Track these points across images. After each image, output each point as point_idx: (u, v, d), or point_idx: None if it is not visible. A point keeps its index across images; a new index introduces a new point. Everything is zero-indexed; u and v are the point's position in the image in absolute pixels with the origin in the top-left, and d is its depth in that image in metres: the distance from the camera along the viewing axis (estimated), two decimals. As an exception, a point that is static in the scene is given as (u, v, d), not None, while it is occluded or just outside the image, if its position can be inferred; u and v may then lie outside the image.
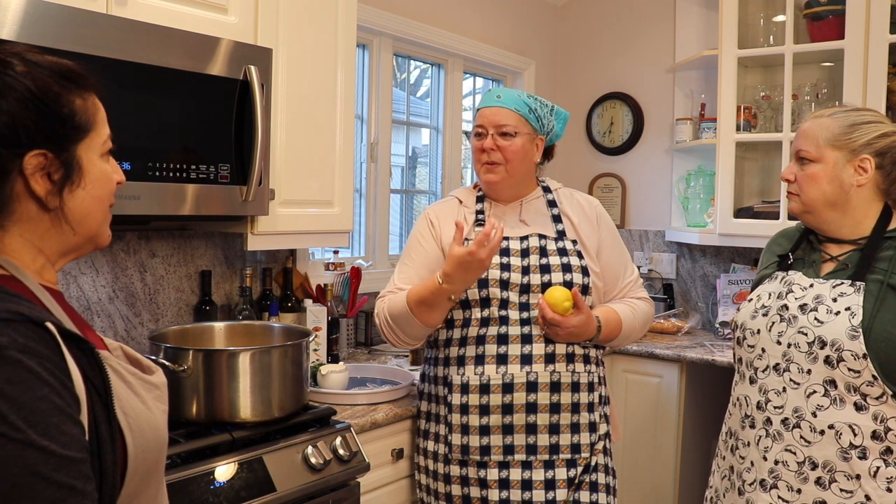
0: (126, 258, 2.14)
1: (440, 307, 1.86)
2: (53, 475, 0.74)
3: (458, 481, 1.91)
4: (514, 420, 1.86)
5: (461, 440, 1.89)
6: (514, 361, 1.87)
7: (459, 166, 3.51)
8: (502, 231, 1.77)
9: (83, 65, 0.92)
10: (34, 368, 0.76)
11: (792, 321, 1.58)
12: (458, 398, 1.89)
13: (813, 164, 1.61)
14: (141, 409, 0.89)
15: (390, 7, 2.97)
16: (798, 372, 1.55)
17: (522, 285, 1.90)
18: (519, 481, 1.87)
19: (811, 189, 1.62)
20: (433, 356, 2.01)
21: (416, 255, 2.01)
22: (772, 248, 1.80)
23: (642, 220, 3.70)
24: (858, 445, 1.48)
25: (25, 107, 0.84)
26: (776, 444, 1.57)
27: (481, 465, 1.89)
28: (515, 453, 1.87)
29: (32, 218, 0.88)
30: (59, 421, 0.76)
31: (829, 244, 1.66)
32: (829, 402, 1.51)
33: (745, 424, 1.64)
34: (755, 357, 1.65)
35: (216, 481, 1.61)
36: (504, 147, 1.92)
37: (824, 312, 1.53)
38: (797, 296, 1.60)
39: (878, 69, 2.75)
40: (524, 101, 1.96)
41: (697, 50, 3.42)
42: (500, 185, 1.98)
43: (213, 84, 1.84)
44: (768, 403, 1.59)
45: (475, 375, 1.88)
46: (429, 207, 2.11)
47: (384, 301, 1.97)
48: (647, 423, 2.94)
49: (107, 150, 0.95)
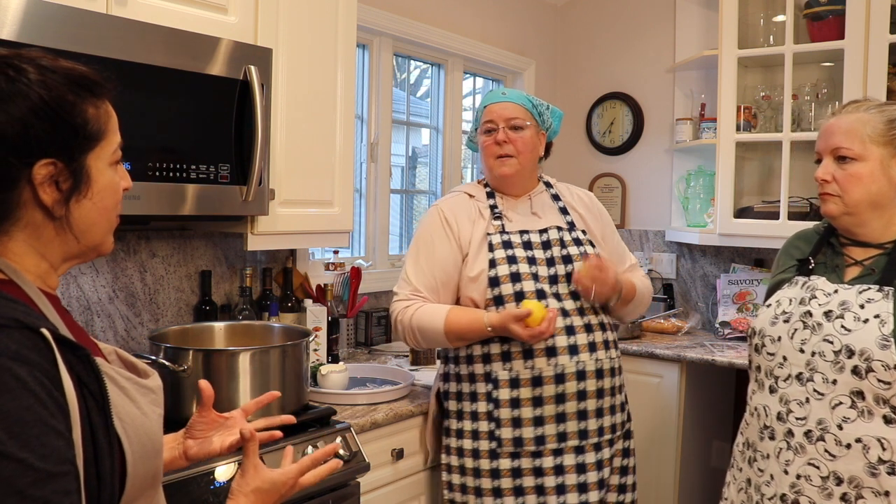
0: (126, 258, 2.14)
1: (479, 339, 1.95)
2: (28, 489, 0.73)
3: (508, 474, 1.94)
4: (566, 408, 1.93)
5: (513, 433, 1.93)
6: (562, 353, 1.92)
7: (459, 166, 3.51)
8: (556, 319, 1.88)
9: (98, 70, 0.90)
10: (23, 377, 0.75)
11: (816, 328, 1.50)
12: (506, 393, 1.93)
13: (856, 162, 1.51)
14: (136, 414, 0.88)
15: (390, 7, 2.97)
16: (822, 382, 1.47)
17: (550, 276, 1.97)
18: (573, 465, 1.94)
19: (856, 189, 1.51)
20: (466, 354, 2.00)
21: (431, 254, 2.01)
22: (789, 251, 1.72)
23: (642, 220, 3.70)
24: (888, 460, 1.41)
25: (38, 116, 0.83)
26: (798, 458, 1.49)
27: (536, 455, 1.93)
28: (568, 440, 1.93)
29: (37, 225, 0.87)
30: (42, 433, 0.75)
31: (853, 248, 1.58)
32: (856, 415, 1.43)
33: (765, 435, 1.57)
34: (776, 365, 1.57)
35: (216, 481, 1.61)
36: (515, 139, 2.00)
37: (851, 320, 1.45)
38: (821, 302, 1.52)
39: (878, 69, 2.75)
40: (526, 97, 2.07)
41: (697, 50, 3.42)
42: (514, 177, 2.04)
43: (213, 84, 1.84)
44: (790, 414, 1.52)
45: (525, 369, 1.92)
46: (440, 203, 2.09)
47: (410, 310, 1.97)
48: (647, 423, 2.93)
49: (117, 158, 0.93)
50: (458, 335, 1.93)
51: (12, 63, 0.84)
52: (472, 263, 1.97)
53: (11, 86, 0.82)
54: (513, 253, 1.97)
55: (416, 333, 1.96)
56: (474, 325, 1.91)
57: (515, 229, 2.02)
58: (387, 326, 2.97)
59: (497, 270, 1.94)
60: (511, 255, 1.96)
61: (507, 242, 1.98)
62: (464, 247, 1.99)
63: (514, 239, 1.99)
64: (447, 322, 1.92)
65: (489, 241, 1.98)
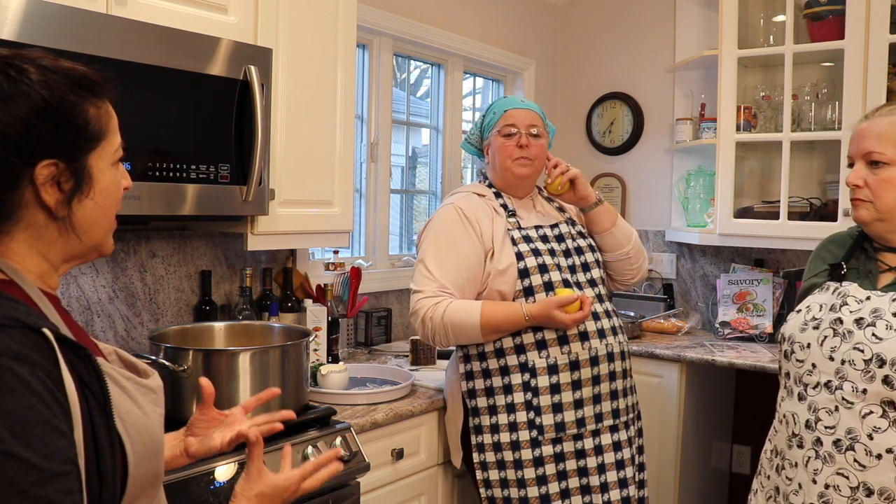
0: (126, 258, 2.14)
1: (513, 331, 2.01)
2: (31, 488, 0.73)
3: (551, 460, 1.99)
4: (601, 389, 2.04)
5: (554, 419, 1.99)
6: (594, 336, 2.04)
7: (459, 166, 3.51)
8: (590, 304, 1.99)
9: (99, 70, 0.90)
10: (24, 377, 0.75)
11: (847, 336, 1.46)
12: (545, 380, 1.99)
13: (889, 167, 1.47)
14: (137, 414, 0.88)
15: (390, 7, 2.97)
16: (852, 391, 1.44)
17: (570, 266, 2.10)
18: (611, 444, 2.05)
19: (888, 194, 1.48)
20: (495, 348, 2.03)
21: (455, 250, 2.05)
22: (821, 255, 1.67)
23: (642, 220, 3.70)
24: None
25: (40, 116, 0.83)
26: (827, 467, 1.46)
27: (577, 438, 2.01)
28: (604, 420, 2.04)
29: (39, 225, 0.87)
30: (44, 432, 0.75)
31: (887, 254, 1.54)
32: (887, 425, 1.40)
33: (793, 444, 1.54)
34: (805, 372, 1.53)
35: (216, 481, 1.61)
36: (534, 145, 2.13)
37: (883, 328, 1.42)
38: (852, 309, 1.48)
39: (878, 69, 2.75)
40: (539, 108, 2.22)
41: (697, 50, 3.42)
42: (529, 178, 2.17)
43: (213, 84, 1.84)
44: (818, 423, 1.48)
45: (563, 354, 2.00)
46: (455, 202, 2.13)
47: (440, 307, 1.98)
48: (647, 423, 2.92)
49: (118, 158, 0.93)
50: (495, 328, 1.98)
51: (14, 63, 0.84)
52: (498, 257, 2.04)
53: (13, 86, 0.82)
54: (535, 246, 2.07)
55: (448, 330, 1.98)
56: (512, 317, 1.97)
57: (530, 225, 2.13)
58: (387, 326, 2.97)
59: (526, 262, 2.04)
60: (534, 248, 2.06)
61: (526, 237, 2.08)
62: (486, 243, 2.06)
63: (531, 233, 2.10)
64: (483, 316, 1.96)
65: (511, 235, 2.07)
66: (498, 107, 2.17)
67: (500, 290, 2.03)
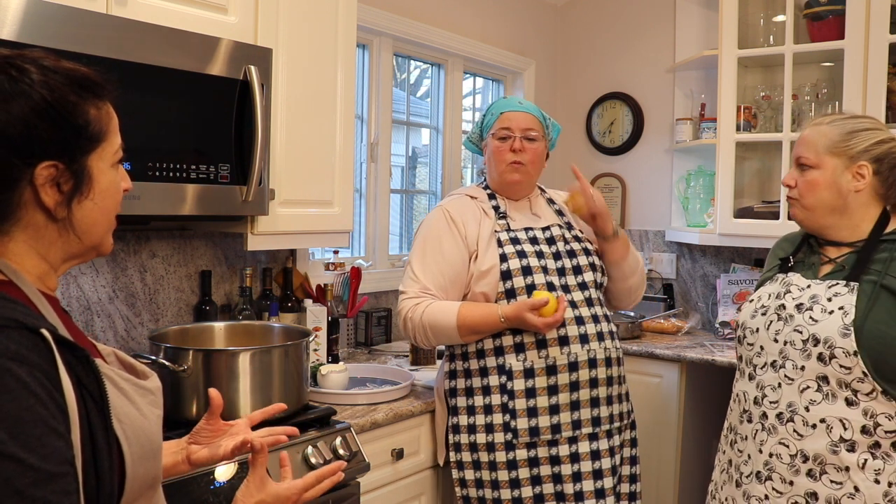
0: (126, 258, 2.14)
1: (491, 333, 1.99)
2: (28, 489, 0.73)
3: (525, 464, 1.97)
4: (580, 396, 1.99)
5: (528, 423, 1.96)
6: (574, 342, 1.99)
7: (459, 166, 3.51)
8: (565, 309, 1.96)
9: (100, 71, 0.90)
10: (23, 378, 0.75)
11: (788, 320, 1.63)
12: (521, 383, 1.97)
13: (812, 170, 1.66)
14: (135, 415, 0.88)
15: (390, 7, 2.97)
16: (793, 368, 1.60)
17: (559, 269, 2.04)
18: (588, 453, 2.00)
19: (811, 195, 1.66)
20: (476, 349, 2.03)
21: (439, 252, 2.05)
22: (775, 252, 1.85)
23: (642, 220, 3.70)
24: (848, 439, 1.53)
25: (40, 116, 0.83)
26: (771, 438, 1.62)
27: (552, 444, 1.98)
28: (582, 427, 1.99)
29: (38, 226, 0.87)
30: (42, 433, 0.75)
31: (829, 247, 1.71)
32: (821, 398, 1.56)
33: (744, 419, 1.70)
34: (754, 354, 1.70)
35: (216, 481, 1.61)
36: (528, 149, 2.09)
37: (819, 311, 1.59)
38: (794, 296, 1.65)
39: (878, 69, 2.75)
40: (539, 110, 2.16)
41: (697, 50, 3.42)
42: (522, 184, 2.13)
43: (213, 84, 1.84)
44: (764, 399, 1.65)
45: (540, 359, 1.97)
46: (444, 204, 2.14)
47: (420, 308, 2.00)
48: (647, 423, 2.93)
49: (118, 159, 0.93)
50: (471, 329, 1.97)
51: (14, 63, 0.84)
52: (482, 259, 2.03)
53: (14, 86, 0.82)
54: (521, 248, 2.04)
55: (427, 330, 1.99)
56: (488, 318, 1.96)
57: (520, 227, 2.10)
58: (387, 326, 2.97)
59: (508, 264, 2.01)
60: (520, 250, 2.03)
61: (514, 238, 2.06)
62: (471, 245, 2.05)
63: (520, 235, 2.07)
64: (460, 317, 1.95)
65: (497, 237, 2.05)
66: (495, 108, 2.16)
67: (483, 292, 2.02)
